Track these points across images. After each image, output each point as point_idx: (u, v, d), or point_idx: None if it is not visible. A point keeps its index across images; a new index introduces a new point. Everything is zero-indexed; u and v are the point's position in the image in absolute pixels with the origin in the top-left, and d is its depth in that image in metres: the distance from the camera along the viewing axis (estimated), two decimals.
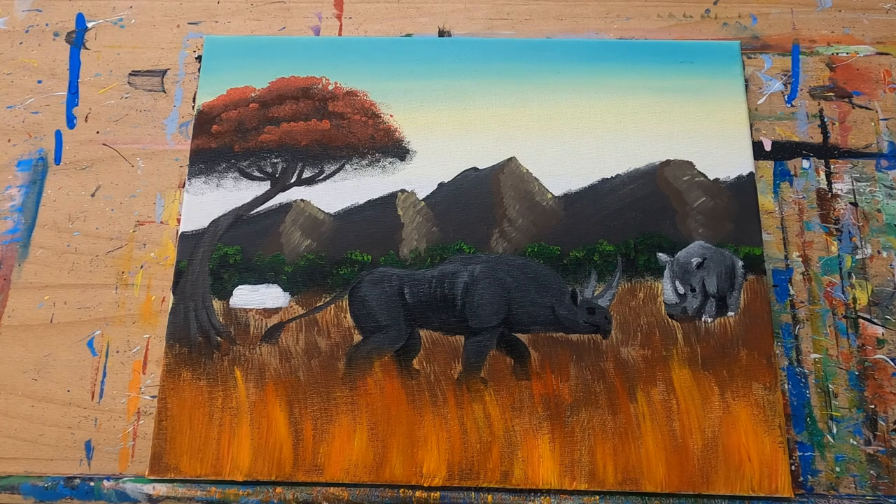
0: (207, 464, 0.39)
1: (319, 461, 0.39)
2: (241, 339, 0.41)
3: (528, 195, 0.43)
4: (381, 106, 0.47)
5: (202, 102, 0.47)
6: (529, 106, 0.47)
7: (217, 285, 0.43)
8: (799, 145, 0.46)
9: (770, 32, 0.49)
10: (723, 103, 0.46)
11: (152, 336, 0.42)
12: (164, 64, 0.49)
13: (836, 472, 0.39)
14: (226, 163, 0.45)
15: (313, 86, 0.47)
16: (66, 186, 0.46)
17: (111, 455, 0.40)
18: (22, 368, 0.41)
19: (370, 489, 0.38)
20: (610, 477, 0.38)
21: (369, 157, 0.46)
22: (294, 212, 0.44)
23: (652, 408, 0.40)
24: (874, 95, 0.47)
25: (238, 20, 0.50)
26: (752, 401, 0.39)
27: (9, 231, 0.45)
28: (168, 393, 0.40)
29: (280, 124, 0.46)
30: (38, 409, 0.41)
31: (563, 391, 0.40)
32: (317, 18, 0.50)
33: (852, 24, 0.49)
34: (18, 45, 0.49)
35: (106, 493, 0.39)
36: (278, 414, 0.40)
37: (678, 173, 0.45)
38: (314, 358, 0.41)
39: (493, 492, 0.38)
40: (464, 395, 0.40)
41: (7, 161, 0.46)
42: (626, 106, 0.46)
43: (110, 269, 0.43)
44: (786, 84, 0.47)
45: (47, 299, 0.43)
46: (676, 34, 0.49)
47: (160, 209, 0.45)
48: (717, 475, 0.38)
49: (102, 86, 0.48)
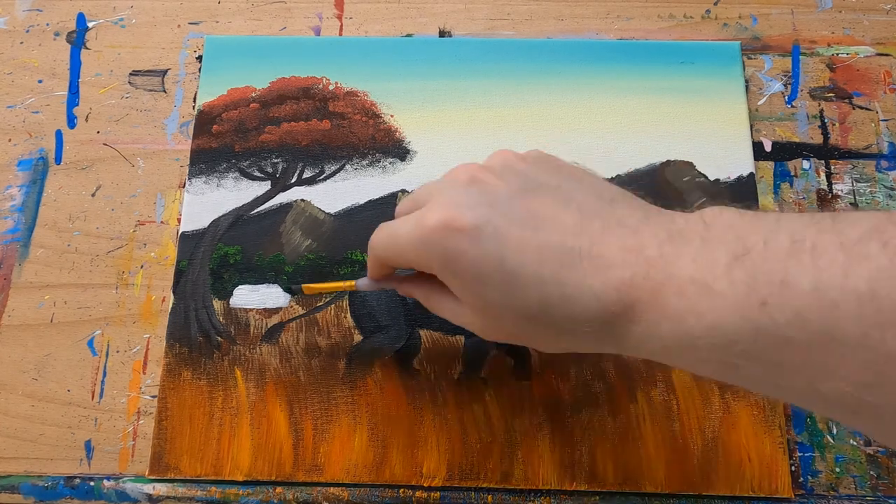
0: (207, 464, 0.39)
1: (319, 461, 0.39)
2: (241, 339, 0.41)
3: None
4: (381, 106, 0.47)
5: (203, 102, 0.47)
6: (529, 106, 0.47)
7: (217, 285, 0.43)
8: (799, 146, 0.46)
9: (770, 33, 0.49)
10: (723, 104, 0.46)
11: (152, 336, 0.42)
12: (165, 64, 0.49)
13: (836, 473, 0.39)
14: (226, 163, 0.46)
15: (314, 86, 0.47)
16: (66, 186, 0.46)
17: (111, 455, 0.40)
18: (22, 368, 0.41)
19: (370, 489, 0.38)
20: (610, 477, 0.38)
21: (370, 157, 0.46)
22: (294, 212, 0.44)
23: (652, 408, 0.40)
24: (874, 96, 0.47)
25: (239, 20, 0.50)
26: (752, 401, 0.39)
27: (9, 231, 0.45)
28: (168, 393, 0.40)
29: (280, 124, 0.46)
30: (38, 408, 0.41)
31: (563, 391, 0.40)
32: (317, 18, 0.50)
33: (852, 25, 0.49)
34: (19, 44, 0.49)
35: (106, 492, 0.39)
36: (278, 414, 0.40)
37: (678, 174, 0.45)
38: (314, 358, 0.41)
39: (493, 492, 0.38)
40: (464, 395, 0.40)
41: (7, 161, 0.46)
42: (626, 106, 0.46)
43: (110, 269, 0.43)
44: (786, 85, 0.47)
45: (47, 299, 0.43)
46: (677, 35, 0.49)
47: (160, 209, 0.45)
48: (717, 475, 0.38)
49: (103, 86, 0.48)
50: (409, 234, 0.28)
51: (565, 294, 0.26)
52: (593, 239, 0.26)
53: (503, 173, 0.29)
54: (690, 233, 0.25)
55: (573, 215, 0.27)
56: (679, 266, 0.24)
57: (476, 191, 0.28)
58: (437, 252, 0.27)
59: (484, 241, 0.26)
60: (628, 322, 0.25)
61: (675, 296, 0.24)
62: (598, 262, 0.26)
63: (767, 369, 0.23)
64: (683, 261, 0.24)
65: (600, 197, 0.28)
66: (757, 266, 0.23)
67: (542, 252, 0.26)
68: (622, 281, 0.25)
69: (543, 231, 0.27)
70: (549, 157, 0.31)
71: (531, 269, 0.26)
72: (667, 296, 0.24)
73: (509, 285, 0.26)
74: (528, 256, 0.26)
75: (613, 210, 0.27)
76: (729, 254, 0.24)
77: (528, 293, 0.26)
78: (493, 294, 0.27)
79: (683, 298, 0.24)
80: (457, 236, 0.27)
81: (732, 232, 0.24)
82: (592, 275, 0.25)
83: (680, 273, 0.24)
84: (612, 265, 0.25)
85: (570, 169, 0.30)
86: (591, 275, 0.25)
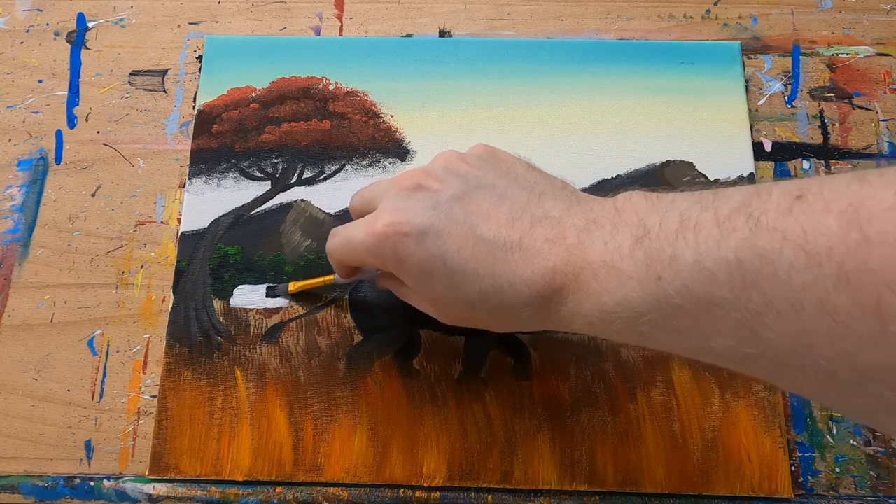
0: (207, 464, 0.39)
1: (319, 461, 0.39)
2: (241, 339, 0.41)
3: None
4: (381, 106, 0.47)
5: (203, 102, 0.47)
6: (530, 106, 0.47)
7: (217, 285, 0.43)
8: (799, 146, 0.46)
9: (770, 33, 0.49)
10: (723, 104, 0.46)
11: (152, 336, 0.42)
12: (165, 64, 0.49)
13: (836, 473, 0.39)
14: (226, 163, 0.46)
15: (314, 86, 0.47)
16: (66, 186, 0.46)
17: (111, 455, 0.40)
18: (22, 368, 0.41)
19: (370, 489, 0.38)
20: (610, 477, 0.38)
21: (370, 158, 0.46)
22: (294, 212, 0.44)
23: (652, 408, 0.40)
24: (874, 96, 0.47)
25: (239, 20, 0.50)
26: (752, 401, 0.39)
27: (9, 231, 0.45)
28: (168, 393, 0.40)
29: (281, 124, 0.46)
30: (38, 408, 0.41)
31: (563, 391, 0.40)
32: (317, 18, 0.50)
33: (852, 25, 0.49)
34: (19, 44, 0.49)
35: (106, 492, 0.39)
36: (278, 414, 0.40)
37: (678, 174, 0.45)
38: (314, 358, 0.41)
39: (493, 492, 0.38)
40: (464, 395, 0.40)
41: (7, 161, 0.46)
42: (626, 106, 0.46)
43: (111, 269, 0.43)
44: (786, 85, 0.47)
45: (47, 299, 0.43)
46: (677, 35, 0.49)
47: (160, 209, 0.45)
48: (717, 476, 0.38)
49: (103, 85, 0.48)
50: (361, 240, 0.32)
51: (499, 285, 0.29)
52: (523, 233, 0.30)
53: (445, 177, 0.32)
54: (603, 219, 0.29)
55: (506, 212, 0.30)
56: (593, 251, 0.28)
57: (420, 196, 0.31)
58: (388, 254, 0.31)
59: (428, 242, 0.30)
60: (558, 304, 0.29)
61: (592, 278, 0.27)
62: (527, 254, 0.29)
63: (668, 334, 0.26)
64: (596, 245, 0.28)
65: (532, 191, 0.31)
66: (653, 245, 0.26)
67: (478, 249, 0.30)
68: (548, 269, 0.28)
69: (479, 229, 0.30)
70: (489, 153, 0.34)
71: (470, 265, 0.30)
72: (585, 279, 0.28)
73: (452, 280, 0.30)
74: (466, 254, 0.30)
75: (541, 203, 0.31)
76: (633, 236, 0.27)
77: (468, 286, 0.30)
78: (440, 288, 0.31)
79: (598, 280, 0.27)
80: (404, 240, 0.30)
81: (637, 216, 0.27)
82: (523, 266, 0.29)
83: (594, 258, 0.28)
84: (539, 255, 0.29)
85: (508, 164, 0.33)
86: (522, 266, 0.29)
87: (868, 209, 0.20)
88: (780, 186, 0.23)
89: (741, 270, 0.22)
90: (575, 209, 0.30)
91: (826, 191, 0.22)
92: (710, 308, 0.24)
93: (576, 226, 0.29)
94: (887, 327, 0.19)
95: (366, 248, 0.32)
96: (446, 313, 0.33)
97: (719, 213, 0.24)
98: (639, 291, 0.26)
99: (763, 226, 0.22)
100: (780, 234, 0.22)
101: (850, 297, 0.20)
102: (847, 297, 0.20)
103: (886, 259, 0.19)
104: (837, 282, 0.20)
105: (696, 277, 0.24)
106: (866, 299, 0.19)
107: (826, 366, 0.21)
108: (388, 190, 0.33)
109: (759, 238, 0.22)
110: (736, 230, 0.23)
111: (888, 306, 0.19)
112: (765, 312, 0.22)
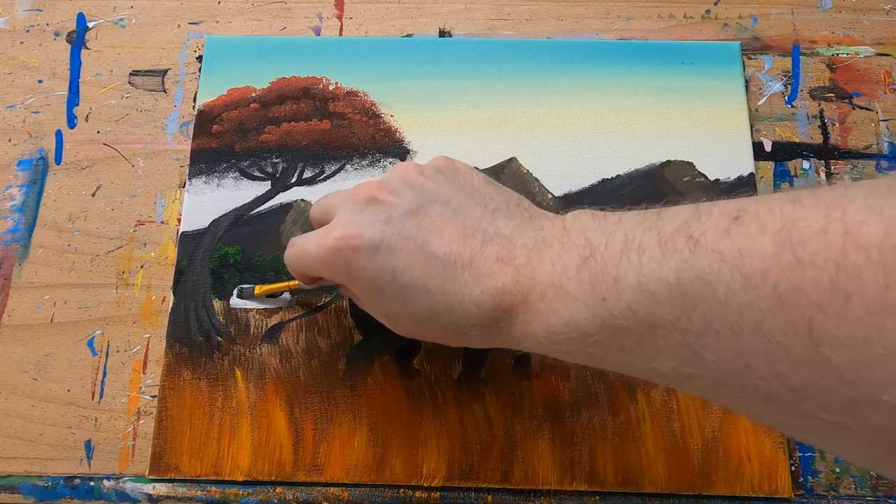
0: (207, 464, 0.39)
1: (319, 461, 0.39)
2: (241, 339, 0.41)
3: (529, 196, 0.43)
4: (381, 106, 0.47)
5: (203, 102, 0.47)
6: (529, 106, 0.47)
7: (217, 285, 0.43)
8: (799, 146, 0.46)
9: (770, 33, 0.49)
10: (723, 104, 0.46)
11: (152, 336, 0.42)
12: (165, 64, 0.49)
13: (836, 473, 0.39)
14: (226, 163, 0.46)
15: (314, 86, 0.47)
16: (66, 186, 0.46)
17: (111, 455, 0.40)
18: (22, 368, 0.41)
19: (370, 489, 0.38)
20: (610, 477, 0.38)
21: (370, 158, 0.46)
22: (295, 212, 0.44)
23: (652, 408, 0.40)
24: (874, 96, 0.47)
25: (239, 20, 0.50)
26: None
27: (9, 231, 0.45)
28: (168, 393, 0.40)
29: (281, 124, 0.46)
30: (38, 408, 0.41)
31: (563, 391, 0.40)
32: (317, 18, 0.50)
33: (852, 25, 0.49)
34: (19, 44, 0.49)
35: (106, 492, 0.39)
36: (278, 414, 0.40)
37: (678, 174, 0.45)
38: (314, 358, 0.41)
39: (493, 492, 0.38)
40: (464, 395, 0.40)
41: (7, 161, 0.46)
42: (626, 106, 0.46)
43: (111, 269, 0.43)
44: (786, 85, 0.47)
45: (47, 299, 0.43)
46: (677, 35, 0.49)
47: (160, 209, 0.45)
48: (717, 476, 0.38)
49: (103, 85, 0.48)
50: (315, 253, 0.32)
51: (448, 303, 0.29)
52: (473, 251, 0.29)
53: (401, 189, 0.32)
54: (552, 238, 0.28)
55: (458, 228, 0.30)
56: (541, 271, 0.28)
57: (373, 210, 0.31)
58: (340, 268, 0.31)
59: (379, 257, 0.30)
60: (508, 323, 0.29)
61: (540, 300, 0.27)
62: (477, 273, 0.29)
63: (614, 355, 0.26)
64: (544, 266, 0.28)
65: (486, 208, 0.31)
66: (598, 266, 0.26)
67: (428, 265, 0.29)
68: (497, 289, 0.28)
69: (431, 245, 0.30)
70: (448, 166, 0.33)
71: (420, 282, 0.29)
72: (534, 300, 0.27)
73: (402, 296, 0.30)
74: (416, 271, 0.29)
75: (494, 221, 0.30)
76: (580, 256, 0.27)
77: (417, 303, 0.30)
78: (390, 303, 0.31)
79: (545, 301, 0.27)
80: (355, 254, 0.30)
81: (584, 235, 0.27)
82: (472, 285, 0.29)
83: (542, 278, 0.27)
84: (488, 275, 0.29)
85: (465, 178, 0.33)
86: (471, 285, 0.29)
87: (800, 231, 0.20)
88: (720, 207, 0.23)
89: (682, 292, 0.23)
90: (526, 227, 0.30)
91: (762, 211, 0.22)
92: (653, 329, 0.24)
93: (525, 245, 0.29)
94: (818, 348, 0.19)
95: (318, 260, 0.32)
96: (399, 327, 0.32)
97: (662, 234, 0.24)
98: (584, 312, 0.26)
99: (702, 247, 0.22)
100: (718, 256, 0.22)
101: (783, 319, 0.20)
102: (781, 318, 0.20)
103: (817, 281, 0.19)
104: (772, 303, 0.20)
105: (639, 298, 0.24)
106: (799, 320, 0.20)
107: (764, 386, 0.21)
108: (344, 202, 0.33)
109: (699, 259, 0.22)
110: (676, 251, 0.23)
111: (819, 327, 0.19)
112: (705, 333, 0.22)
